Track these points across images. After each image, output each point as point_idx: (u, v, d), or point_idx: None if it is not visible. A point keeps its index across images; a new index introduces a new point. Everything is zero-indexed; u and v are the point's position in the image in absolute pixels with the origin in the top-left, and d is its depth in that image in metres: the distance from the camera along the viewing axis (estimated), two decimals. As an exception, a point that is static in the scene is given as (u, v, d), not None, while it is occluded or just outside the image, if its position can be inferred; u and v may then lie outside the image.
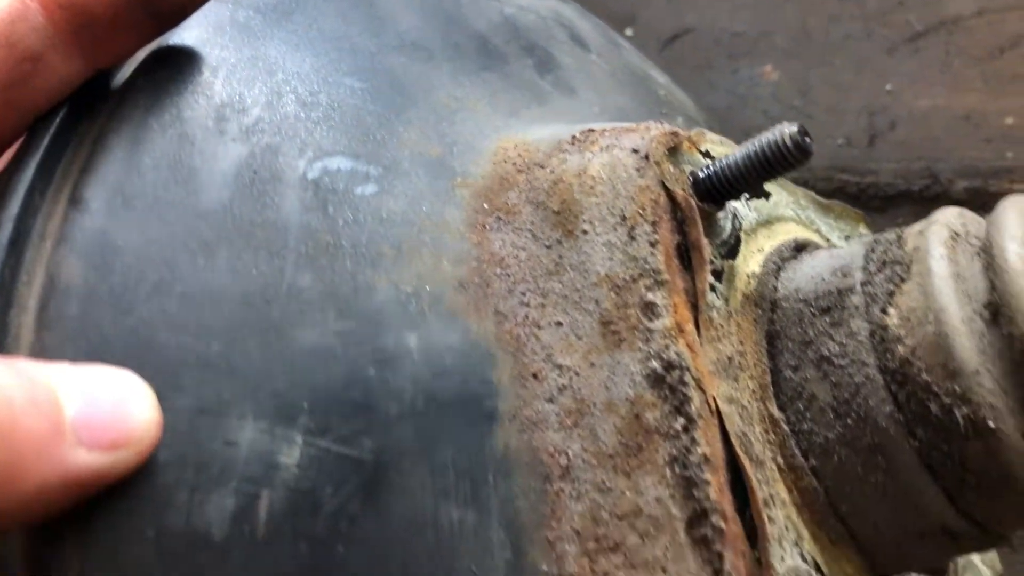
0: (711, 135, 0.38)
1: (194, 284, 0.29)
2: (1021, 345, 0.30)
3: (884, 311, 0.33)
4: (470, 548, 0.29)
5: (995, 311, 0.31)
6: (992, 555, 0.45)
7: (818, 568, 0.33)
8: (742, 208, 0.39)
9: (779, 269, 0.37)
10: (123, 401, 0.26)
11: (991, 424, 0.30)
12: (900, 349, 0.32)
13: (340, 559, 0.27)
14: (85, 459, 0.24)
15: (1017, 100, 0.64)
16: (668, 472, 0.31)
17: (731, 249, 0.37)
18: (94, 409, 0.25)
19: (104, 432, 0.25)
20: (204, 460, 0.27)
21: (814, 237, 0.41)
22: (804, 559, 0.32)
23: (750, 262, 0.37)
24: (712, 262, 0.35)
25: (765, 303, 0.36)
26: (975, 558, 0.43)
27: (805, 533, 0.33)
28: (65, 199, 0.29)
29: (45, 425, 0.23)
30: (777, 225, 0.40)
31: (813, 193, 0.44)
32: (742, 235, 0.37)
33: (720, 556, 0.29)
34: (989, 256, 0.32)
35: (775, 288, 0.36)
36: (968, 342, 0.31)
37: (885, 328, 0.33)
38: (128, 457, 0.25)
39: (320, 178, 0.33)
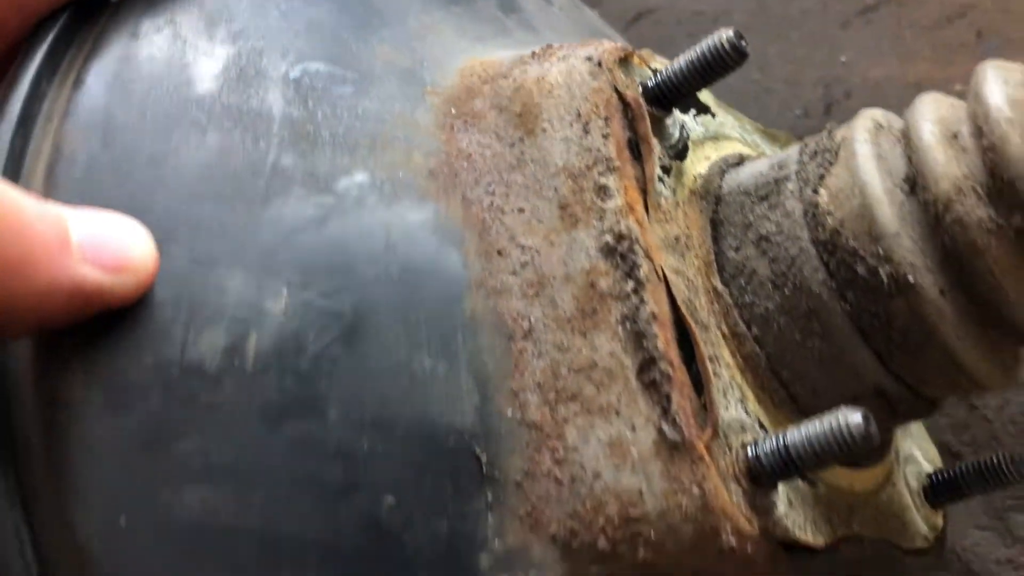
0: (660, 57, 0.42)
1: (187, 158, 0.32)
2: (935, 210, 0.33)
3: (815, 191, 0.36)
4: (441, 392, 0.32)
5: (912, 183, 0.35)
6: (934, 452, 0.48)
7: (762, 426, 0.36)
8: (690, 121, 0.42)
9: (723, 172, 0.41)
10: (124, 236, 0.29)
11: (911, 279, 0.34)
12: (830, 221, 0.35)
13: (323, 393, 0.30)
14: (90, 273, 0.27)
15: (964, 68, 0.68)
16: (620, 329, 0.34)
17: (679, 152, 0.40)
18: (98, 237, 0.28)
19: (106, 255, 0.27)
20: (197, 302, 0.30)
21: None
22: (748, 415, 0.35)
23: (697, 166, 0.41)
24: (661, 159, 0.38)
25: (710, 196, 0.39)
26: (917, 453, 0.46)
27: (749, 394, 0.36)
28: (70, 83, 0.33)
29: (53, 234, 0.26)
30: (724, 142, 0.44)
31: (759, 124, 0.48)
32: (690, 144, 0.41)
33: (668, 397, 0.32)
34: (907, 137, 0.35)
35: (720, 185, 0.40)
36: (889, 209, 0.34)
37: (816, 205, 0.36)
38: (128, 282, 0.28)
39: (301, 78, 0.36)
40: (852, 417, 0.31)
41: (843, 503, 0.37)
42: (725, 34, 0.37)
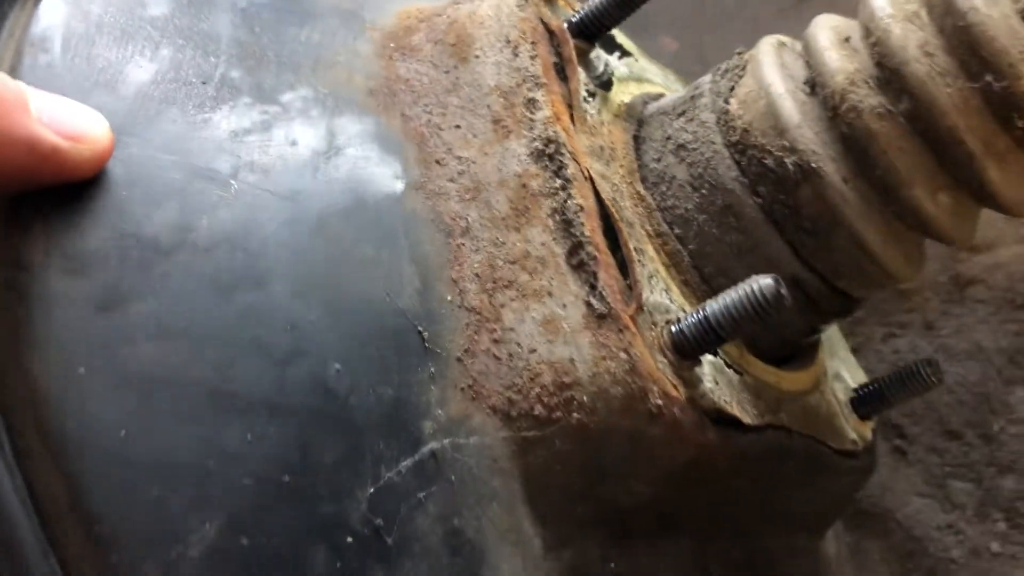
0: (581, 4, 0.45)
1: (141, 64, 0.34)
2: (833, 102, 0.37)
3: (727, 101, 0.40)
4: (384, 276, 0.34)
5: (812, 85, 0.38)
6: (861, 376, 0.50)
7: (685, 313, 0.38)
8: (615, 62, 0.46)
9: (646, 103, 0.44)
10: (80, 114, 0.31)
11: (815, 165, 0.37)
12: (739, 123, 0.39)
13: (271, 269, 0.32)
14: (47, 134, 0.29)
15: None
16: (550, 222, 0.36)
17: (604, 84, 0.43)
18: (56, 111, 0.30)
19: (64, 125, 0.29)
20: (153, 184, 0.32)
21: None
22: (672, 303, 0.38)
23: (622, 96, 0.44)
24: (587, 85, 0.42)
25: (633, 118, 0.43)
26: (845, 374, 0.48)
27: (674, 287, 0.39)
28: (30, 5, 0.35)
29: (12, 96, 0.28)
30: (647, 84, 0.47)
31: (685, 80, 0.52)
32: (614, 79, 0.44)
33: (595, 276, 0.35)
34: (805, 46, 0.39)
35: (642, 111, 0.43)
36: (791, 104, 0.38)
37: (727, 112, 0.39)
38: (84, 151, 0.30)
39: (248, 8, 0.39)
40: (764, 280, 0.33)
41: (770, 396, 0.40)
42: (639, -33, 0.40)
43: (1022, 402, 0.68)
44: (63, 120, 0.30)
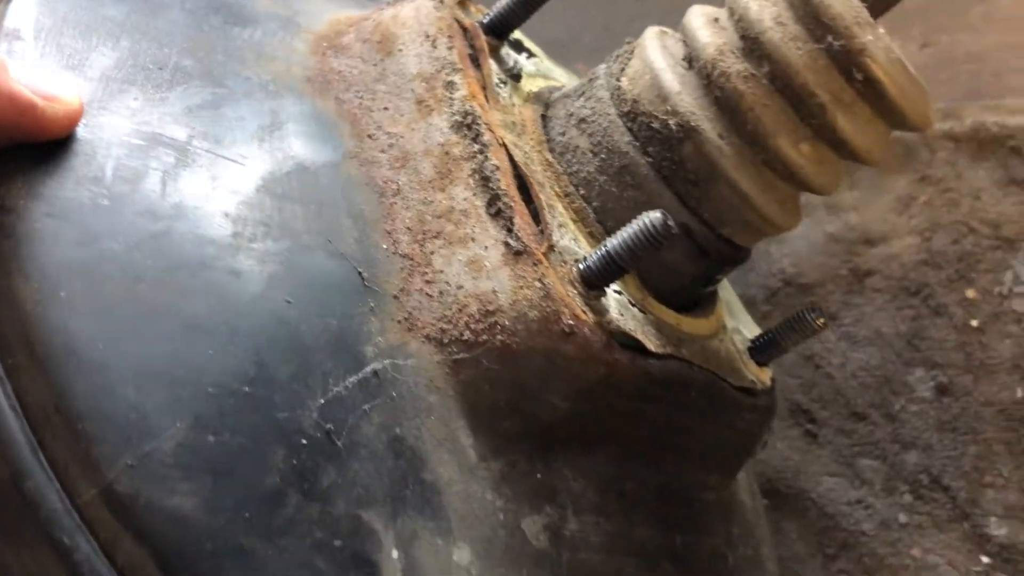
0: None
1: (103, 52, 0.39)
2: (707, 71, 0.43)
3: (618, 80, 0.46)
4: (326, 228, 0.39)
5: (689, 61, 0.44)
6: (759, 330, 0.56)
7: (593, 260, 0.43)
8: (523, 60, 0.52)
9: (551, 92, 0.50)
10: (54, 81, 0.35)
11: (694, 124, 0.43)
12: (629, 96, 0.45)
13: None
14: (23, 91, 0.33)
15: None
16: (471, 180, 0.42)
17: (514, 76, 0.49)
18: (31, 76, 0.34)
19: (40, 87, 0.34)
20: (118, 144, 0.36)
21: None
22: (580, 249, 0.43)
23: (530, 87, 0.50)
24: (498, 75, 0.48)
25: (540, 102, 0.48)
26: (743, 329, 0.54)
27: (581, 239, 0.44)
28: (3, 4, 0.40)
29: None
30: (553, 81, 0.53)
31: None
32: (523, 74, 0.50)
33: (511, 221, 0.40)
34: (682, 30, 0.45)
35: (548, 97, 0.49)
36: (671, 76, 0.44)
37: (619, 88, 0.46)
38: (59, 110, 0.34)
39: (195, 10, 0.44)
40: (653, 214, 0.39)
41: (672, 334, 0.45)
42: (536, -30, 0.47)
43: (920, 382, 0.73)
44: (39, 83, 0.34)
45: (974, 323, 0.71)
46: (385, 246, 0.40)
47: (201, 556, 0.31)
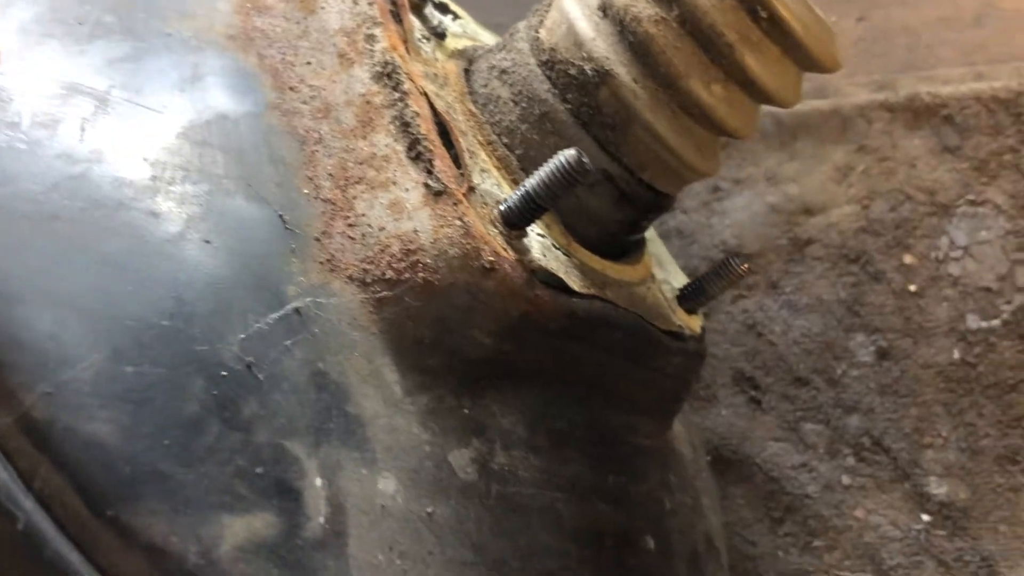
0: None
1: (24, 9, 0.40)
2: (620, 17, 0.44)
3: (536, 31, 0.47)
4: (247, 173, 0.40)
5: (604, 10, 0.46)
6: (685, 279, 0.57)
7: (516, 205, 0.44)
8: (448, 21, 0.53)
9: (475, 50, 0.51)
10: None
11: (608, 69, 0.44)
12: (547, 45, 0.46)
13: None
14: None
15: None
16: (392, 127, 0.42)
17: (438, 34, 0.50)
18: None
19: None
20: (35, 93, 0.37)
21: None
22: (502, 194, 0.44)
23: (454, 45, 0.51)
24: (422, 31, 0.48)
25: (464, 58, 0.49)
26: (672, 280, 0.55)
27: (504, 184, 0.45)
28: None
29: None
30: (479, 42, 0.54)
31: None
32: (448, 34, 0.51)
33: (431, 163, 0.41)
34: (597, -19, 0.47)
35: (472, 54, 0.50)
36: (587, 24, 0.45)
37: (538, 39, 0.47)
38: None
39: (117, -29, 0.44)
40: (568, 152, 0.40)
41: (596, 277, 0.46)
42: (457, -71, 0.48)
43: (861, 347, 0.75)
44: None
45: (912, 288, 0.73)
46: (307, 191, 0.41)
47: (120, 481, 0.32)
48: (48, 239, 0.34)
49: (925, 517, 0.71)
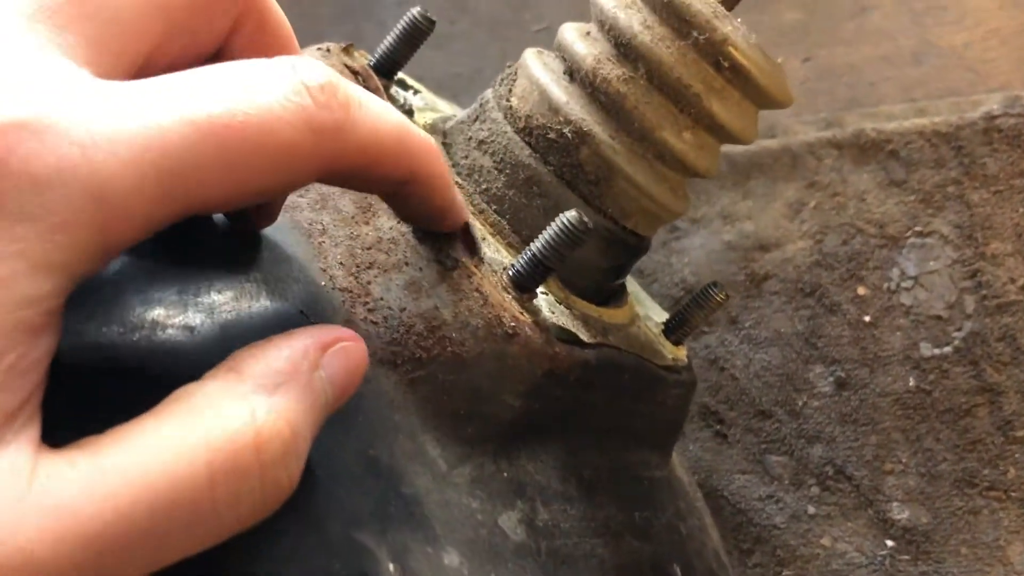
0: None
1: None
2: (589, 79, 0.47)
3: (508, 100, 0.49)
4: (263, 274, 0.41)
5: (571, 73, 0.48)
6: (666, 315, 0.60)
7: (517, 269, 0.46)
8: (411, 96, 0.55)
9: (445, 121, 0.53)
10: None
11: (586, 128, 0.47)
12: (522, 113, 0.48)
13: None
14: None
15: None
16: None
17: (407, 112, 0.52)
18: None
19: None
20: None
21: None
22: (504, 259, 0.46)
23: (423, 120, 0.53)
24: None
25: (437, 132, 0.51)
26: (653, 315, 0.58)
27: (502, 250, 0.47)
28: None
29: None
30: (441, 112, 0.56)
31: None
32: (415, 109, 0.53)
33: (442, 239, 0.42)
34: (559, 47, 0.49)
35: (443, 127, 0.52)
36: (558, 89, 0.48)
37: (511, 107, 0.49)
38: None
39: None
40: (569, 213, 0.42)
41: (597, 325, 0.48)
42: (415, 10, 0.50)
43: (820, 377, 0.77)
44: None
45: (866, 318, 0.76)
46: (323, 283, 0.42)
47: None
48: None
49: (889, 543, 0.73)
